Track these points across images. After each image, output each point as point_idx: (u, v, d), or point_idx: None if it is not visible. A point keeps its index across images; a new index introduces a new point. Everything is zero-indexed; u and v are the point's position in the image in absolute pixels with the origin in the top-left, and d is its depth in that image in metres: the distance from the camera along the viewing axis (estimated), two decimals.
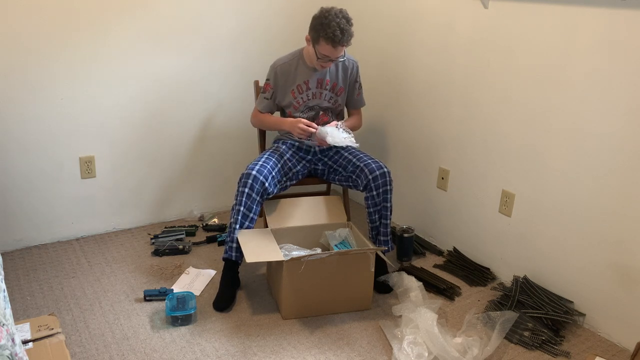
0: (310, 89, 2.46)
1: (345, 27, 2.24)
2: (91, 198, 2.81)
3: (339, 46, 2.27)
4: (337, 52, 2.30)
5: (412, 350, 1.96)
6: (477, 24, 2.46)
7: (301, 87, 2.46)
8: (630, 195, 2.01)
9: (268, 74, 2.50)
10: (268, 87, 2.49)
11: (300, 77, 2.45)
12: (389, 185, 2.36)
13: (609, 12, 1.97)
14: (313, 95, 2.47)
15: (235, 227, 2.28)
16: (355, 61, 2.53)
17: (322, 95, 2.48)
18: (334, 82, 2.48)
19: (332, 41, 2.24)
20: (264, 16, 3.01)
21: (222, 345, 2.05)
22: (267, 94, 2.50)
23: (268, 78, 2.49)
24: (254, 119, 2.59)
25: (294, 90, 2.46)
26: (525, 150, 2.35)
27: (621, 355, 2.07)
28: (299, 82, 2.45)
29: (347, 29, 2.25)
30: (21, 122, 2.54)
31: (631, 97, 1.95)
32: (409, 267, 2.60)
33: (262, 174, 2.29)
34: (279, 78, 2.46)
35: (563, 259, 2.27)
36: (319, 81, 2.46)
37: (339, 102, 2.53)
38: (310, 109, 2.50)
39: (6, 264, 2.53)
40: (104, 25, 2.60)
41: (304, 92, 2.46)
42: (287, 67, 2.45)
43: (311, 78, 2.45)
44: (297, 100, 2.47)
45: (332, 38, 2.23)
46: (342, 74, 2.50)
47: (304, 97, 2.47)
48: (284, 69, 2.45)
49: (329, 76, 2.47)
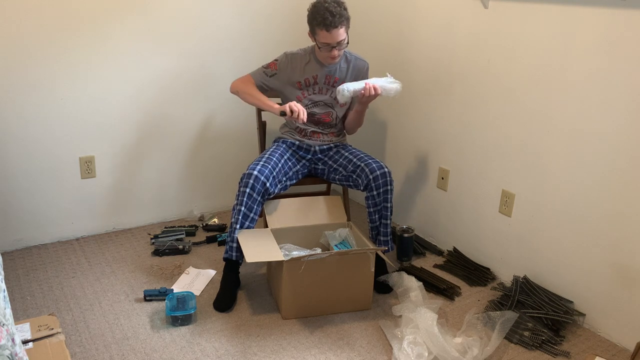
0: (318, 83, 2.45)
1: (335, 9, 2.22)
2: (91, 198, 2.81)
3: (332, 29, 2.24)
4: (334, 36, 2.26)
5: (412, 350, 1.96)
6: (477, 23, 2.46)
7: (309, 80, 2.45)
8: (630, 195, 2.01)
9: (279, 57, 2.48)
10: (274, 65, 2.47)
11: (309, 71, 2.44)
12: (390, 185, 2.36)
13: (609, 12, 1.97)
14: (320, 90, 2.46)
15: (236, 227, 2.28)
16: (366, 62, 2.51)
17: (328, 92, 2.47)
18: (343, 81, 2.46)
19: (325, 25, 2.23)
20: (264, 16, 3.01)
21: (222, 345, 2.05)
22: (269, 71, 2.47)
23: (277, 59, 2.48)
24: (240, 83, 2.46)
25: (300, 83, 2.45)
26: (525, 150, 2.35)
27: (621, 355, 2.07)
28: (307, 76, 2.44)
29: (338, 10, 2.23)
30: (21, 122, 2.54)
31: (631, 97, 1.95)
32: (409, 267, 2.60)
33: (264, 174, 2.29)
34: (288, 64, 2.45)
35: (563, 259, 2.27)
36: (328, 78, 2.45)
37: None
38: (314, 104, 2.49)
39: (6, 264, 2.53)
40: (104, 25, 2.60)
41: (310, 85, 2.46)
42: (299, 58, 2.45)
43: (320, 73, 2.44)
44: (302, 92, 2.46)
45: (324, 22, 2.22)
46: (352, 74, 2.48)
47: (310, 90, 2.46)
48: (295, 58, 2.45)
49: (338, 74, 2.46)
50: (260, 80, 2.49)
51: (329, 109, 2.50)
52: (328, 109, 2.50)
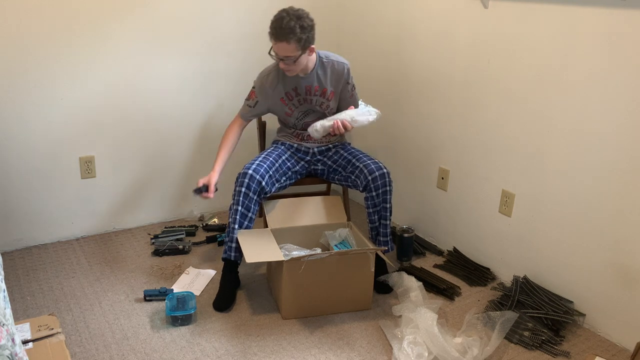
0: (300, 94, 2.41)
1: (287, 23, 2.13)
2: (91, 198, 2.81)
3: (277, 42, 2.17)
4: (279, 48, 2.19)
5: (412, 350, 1.96)
6: (477, 24, 2.46)
7: (290, 94, 2.41)
8: (630, 195, 2.01)
9: (254, 82, 2.45)
10: (253, 94, 2.44)
11: (288, 85, 2.39)
12: (389, 186, 2.36)
13: (609, 12, 1.97)
14: (304, 100, 2.43)
15: (234, 226, 2.28)
16: (345, 63, 2.44)
17: (312, 101, 2.44)
18: (324, 88, 2.41)
19: (272, 34, 2.18)
20: (264, 16, 3.00)
21: (222, 345, 2.05)
22: (251, 102, 2.45)
23: (254, 86, 2.45)
24: (226, 131, 2.47)
25: (283, 98, 2.42)
26: (525, 150, 2.35)
27: (621, 355, 2.07)
28: (287, 90, 2.40)
29: (290, 25, 2.13)
30: (21, 122, 2.54)
31: (631, 97, 1.95)
32: (409, 267, 2.60)
33: (259, 173, 2.29)
34: (264, 87, 2.40)
35: (563, 259, 2.27)
36: (307, 88, 2.40)
37: (331, 106, 2.47)
38: (305, 114, 2.47)
39: (6, 264, 2.53)
40: (104, 25, 2.60)
41: (293, 98, 2.42)
42: (272, 76, 2.39)
43: (299, 85, 2.39)
44: (289, 107, 2.44)
45: (272, 31, 2.17)
46: (332, 78, 2.42)
47: (295, 102, 2.43)
48: (268, 78, 2.40)
49: (316, 82, 2.39)
50: (247, 115, 2.47)
51: (321, 115, 2.49)
52: (320, 114, 2.49)
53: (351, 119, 2.28)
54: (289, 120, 2.50)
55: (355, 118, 2.29)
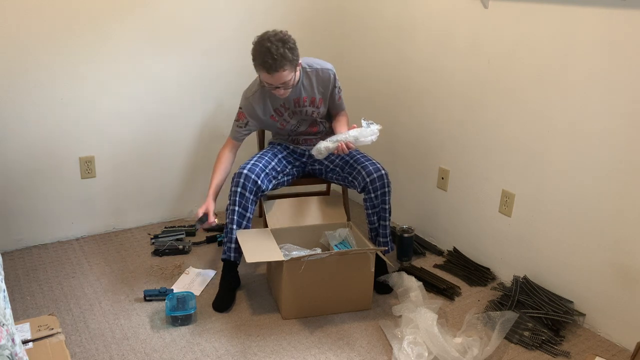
0: (289, 108, 2.39)
1: (276, 51, 2.08)
2: (91, 198, 2.81)
3: (273, 72, 2.12)
4: (276, 78, 2.14)
5: (412, 350, 1.96)
6: (477, 24, 2.46)
7: (279, 110, 2.39)
8: (630, 195, 2.01)
9: (241, 103, 2.40)
10: (242, 116, 2.39)
11: (275, 102, 2.36)
12: (387, 187, 2.35)
13: (609, 12, 1.97)
14: (294, 112, 2.41)
15: (232, 227, 2.28)
16: (330, 69, 2.38)
17: (303, 112, 2.42)
18: (312, 97, 2.39)
19: (265, 68, 2.11)
20: (264, 17, 3.01)
21: (222, 345, 2.05)
22: (241, 122, 2.40)
23: (241, 107, 2.40)
24: (218, 155, 2.43)
25: (273, 115, 2.40)
26: (525, 150, 2.35)
27: (621, 355, 2.07)
28: (275, 107, 2.38)
29: (280, 52, 2.08)
30: (21, 122, 2.54)
31: (631, 97, 1.95)
32: (409, 267, 2.60)
33: (254, 173, 2.29)
34: (252, 107, 2.37)
35: (563, 259, 2.27)
36: (295, 101, 2.37)
37: (321, 111, 2.46)
38: (298, 124, 2.46)
39: (6, 264, 2.53)
40: (104, 25, 2.60)
41: (284, 113, 2.40)
42: (258, 95, 2.35)
43: (286, 100, 2.35)
44: (280, 122, 2.43)
45: (263, 65, 2.10)
46: (319, 86, 2.39)
47: (286, 117, 2.41)
48: (255, 97, 2.36)
49: (304, 93, 2.36)
50: (239, 136, 2.43)
51: (314, 122, 2.49)
52: (313, 121, 2.49)
53: (355, 140, 2.27)
54: (284, 131, 2.50)
55: (360, 139, 2.28)
